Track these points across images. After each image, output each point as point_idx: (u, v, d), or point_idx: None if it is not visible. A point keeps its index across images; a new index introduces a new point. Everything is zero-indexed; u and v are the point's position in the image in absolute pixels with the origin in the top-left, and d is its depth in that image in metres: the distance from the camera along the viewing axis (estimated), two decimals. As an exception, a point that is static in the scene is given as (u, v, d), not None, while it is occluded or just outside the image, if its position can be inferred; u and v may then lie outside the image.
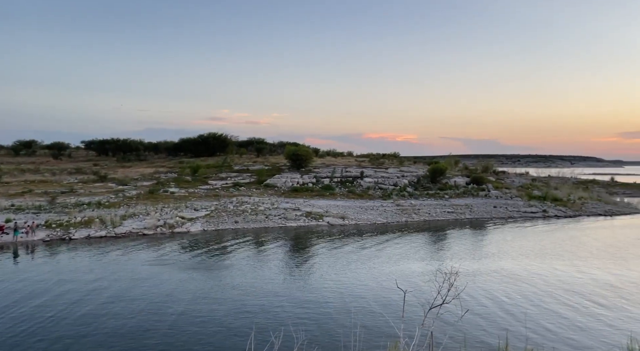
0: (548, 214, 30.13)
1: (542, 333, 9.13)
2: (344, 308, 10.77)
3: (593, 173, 72.11)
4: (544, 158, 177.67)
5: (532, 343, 6.64)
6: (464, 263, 15.91)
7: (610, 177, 59.28)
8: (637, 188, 49.43)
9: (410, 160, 48.68)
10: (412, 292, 10.54)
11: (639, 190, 48.09)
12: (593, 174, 68.77)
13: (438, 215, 28.25)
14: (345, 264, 15.73)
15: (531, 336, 8.37)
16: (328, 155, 49.40)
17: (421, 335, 3.91)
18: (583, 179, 50.67)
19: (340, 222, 25.10)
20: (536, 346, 6.37)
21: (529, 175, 49.90)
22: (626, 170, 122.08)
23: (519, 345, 6.30)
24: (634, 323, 9.28)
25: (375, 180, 34.75)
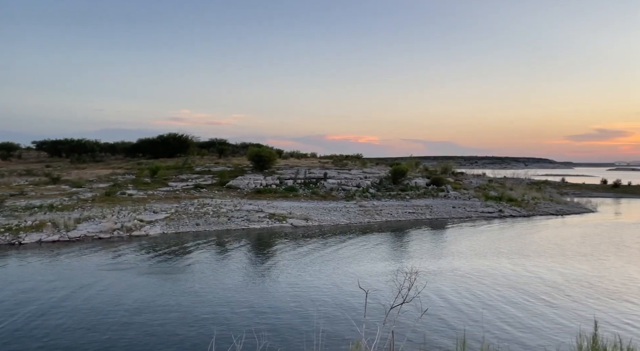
0: (504, 214, 31.26)
1: (497, 330, 9.45)
2: (306, 310, 10.77)
3: (545, 175, 75.44)
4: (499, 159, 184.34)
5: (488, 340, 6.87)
6: (424, 262, 16.26)
7: (561, 178, 62.25)
8: (586, 188, 52.13)
9: (372, 162, 49.30)
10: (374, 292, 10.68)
11: (587, 190, 50.73)
12: (545, 175, 71.94)
13: (400, 215, 28.74)
14: (309, 266, 15.74)
15: (487, 333, 8.65)
16: (291, 156, 49.35)
17: (382, 335, 3.96)
18: (536, 180, 52.92)
19: (303, 223, 25.10)
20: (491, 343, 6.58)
21: (485, 176, 51.63)
22: (575, 172, 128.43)
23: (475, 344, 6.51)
24: (582, 320, 9.75)
25: (339, 182, 34.98)
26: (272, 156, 38.16)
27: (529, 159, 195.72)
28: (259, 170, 36.57)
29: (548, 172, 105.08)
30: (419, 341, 7.98)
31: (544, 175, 70.55)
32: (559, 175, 78.82)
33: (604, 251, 18.83)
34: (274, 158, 38.52)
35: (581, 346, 4.63)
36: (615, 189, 51.37)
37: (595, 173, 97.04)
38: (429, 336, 8.60)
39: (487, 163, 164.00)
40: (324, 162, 44.76)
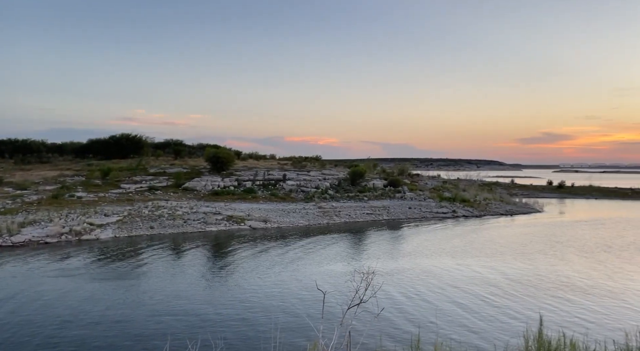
0: (457, 214, 32.28)
1: (450, 329, 9.73)
2: (264, 312, 10.68)
3: (496, 176, 78.52)
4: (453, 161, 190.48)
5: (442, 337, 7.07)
6: (381, 263, 16.52)
7: (511, 180, 64.99)
8: (533, 189, 54.71)
9: (331, 163, 49.63)
10: (332, 293, 10.75)
11: (534, 191, 53.24)
12: (496, 177, 74.87)
13: (358, 216, 29.08)
14: (267, 268, 15.63)
15: (442, 330, 8.89)
16: (250, 157, 48.85)
17: (340, 335, 3.98)
18: (487, 181, 54.96)
19: (262, 225, 24.90)
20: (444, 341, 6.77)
21: (440, 177, 53.19)
22: (524, 173, 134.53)
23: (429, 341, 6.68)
24: (529, 317, 10.19)
25: (298, 183, 34.97)
26: (230, 157, 37.64)
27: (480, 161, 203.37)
28: (217, 171, 35.97)
29: (498, 173, 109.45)
30: (375, 341, 8.09)
31: (495, 177, 73.43)
32: (509, 176, 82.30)
33: (549, 250, 19.81)
34: (232, 159, 38.00)
35: (527, 339, 4.85)
36: (560, 190, 54.23)
37: (542, 175, 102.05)
38: (385, 335, 8.74)
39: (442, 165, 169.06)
40: (283, 163, 44.63)
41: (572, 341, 4.77)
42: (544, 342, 4.69)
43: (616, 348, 4.77)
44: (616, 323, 9.99)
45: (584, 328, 7.26)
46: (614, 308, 11.36)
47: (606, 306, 11.51)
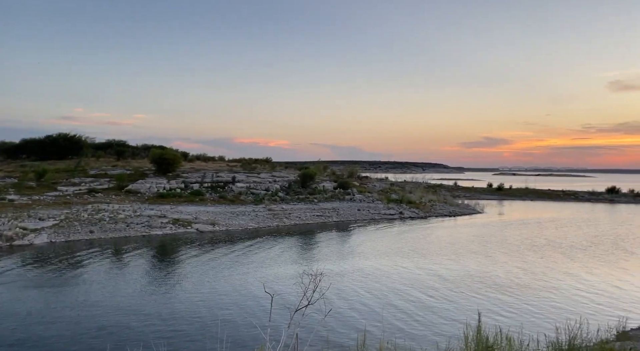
0: (404, 216, 33.17)
1: (395, 327, 9.99)
2: (211, 317, 10.46)
3: (440, 178, 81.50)
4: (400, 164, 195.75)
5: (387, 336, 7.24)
6: (329, 264, 16.67)
7: (454, 182, 67.58)
8: (475, 191, 57.21)
9: (282, 165, 49.45)
10: (280, 296, 10.70)
11: (476, 193, 55.70)
12: (440, 179, 77.72)
13: (308, 218, 29.17)
14: (214, 271, 15.32)
15: (387, 330, 9.10)
16: (198, 159, 47.70)
17: (287, 338, 3.97)
18: (432, 184, 56.90)
19: (210, 228, 24.39)
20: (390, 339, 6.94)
21: (388, 180, 54.45)
22: (466, 176, 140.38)
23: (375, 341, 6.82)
24: (469, 313, 10.62)
25: (248, 185, 34.57)
26: (176, 159, 36.57)
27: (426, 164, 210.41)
28: (162, 173, 34.84)
29: (443, 176, 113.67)
30: (323, 342, 8.15)
31: (440, 179, 76.19)
32: (452, 179, 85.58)
33: (489, 249, 20.79)
34: (178, 161, 36.94)
35: (467, 336, 5.07)
36: (499, 192, 57.08)
37: (483, 178, 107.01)
38: (333, 336, 8.82)
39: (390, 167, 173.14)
40: (232, 165, 43.94)
41: (508, 337, 5.04)
42: (482, 339, 4.92)
43: (547, 341, 5.09)
44: (548, 318, 10.64)
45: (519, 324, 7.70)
46: (547, 304, 12.09)
47: (540, 302, 12.23)
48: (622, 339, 7.50)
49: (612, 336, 7.91)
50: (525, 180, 75.67)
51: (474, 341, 4.93)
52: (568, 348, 4.70)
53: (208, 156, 49.23)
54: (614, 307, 11.70)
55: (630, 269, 16.67)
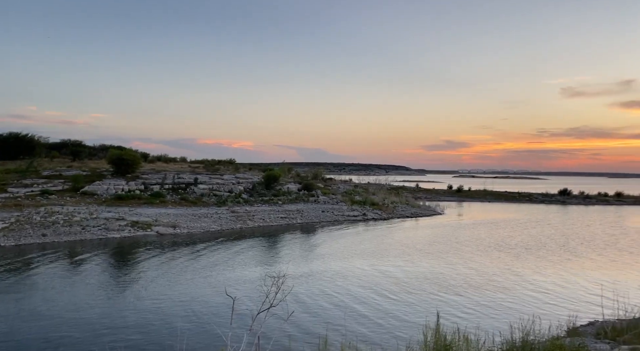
0: (367, 217, 33.55)
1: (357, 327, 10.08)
2: (171, 321, 10.22)
3: (403, 181, 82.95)
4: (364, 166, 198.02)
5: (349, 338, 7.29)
6: (293, 266, 16.63)
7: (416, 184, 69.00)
8: (436, 193, 58.59)
9: (246, 167, 48.94)
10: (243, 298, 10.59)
11: (437, 194, 57.05)
12: (403, 181, 79.10)
13: (272, 220, 29.01)
14: (175, 275, 14.98)
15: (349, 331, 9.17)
16: (159, 160, 46.54)
17: (249, 341, 3.94)
18: (395, 185, 57.82)
19: (171, 231, 23.84)
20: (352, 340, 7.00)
21: (352, 181, 54.92)
22: (428, 178, 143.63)
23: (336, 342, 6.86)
24: (429, 313, 10.84)
25: (210, 187, 34.01)
26: (136, 159, 35.49)
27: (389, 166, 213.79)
28: (121, 174, 33.76)
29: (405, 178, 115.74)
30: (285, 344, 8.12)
31: (402, 181, 77.51)
32: (414, 181, 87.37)
33: (448, 250, 21.33)
34: (138, 161, 35.86)
35: (426, 337, 5.18)
36: (459, 193, 58.72)
37: (444, 180, 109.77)
38: (295, 339, 8.80)
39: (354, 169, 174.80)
40: (194, 166, 43.11)
41: (465, 336, 5.19)
42: (440, 338, 5.05)
43: (502, 339, 5.27)
44: (503, 317, 11.03)
45: (476, 324, 7.94)
46: (502, 303, 12.54)
47: (495, 302, 12.66)
48: (572, 335, 7.87)
49: (563, 332, 8.29)
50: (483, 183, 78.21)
51: (432, 340, 5.05)
52: (521, 345, 4.89)
53: (169, 157, 48.13)
54: (564, 305, 12.26)
55: (579, 269, 17.52)
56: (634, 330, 8.00)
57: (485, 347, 5.50)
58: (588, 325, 9.81)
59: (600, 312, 9.51)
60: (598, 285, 13.30)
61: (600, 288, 12.05)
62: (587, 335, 8.49)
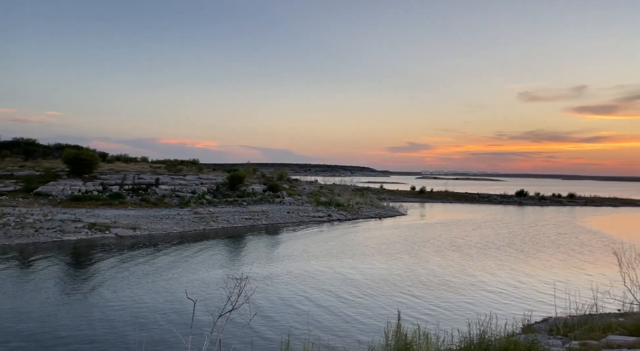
0: (332, 218, 33.72)
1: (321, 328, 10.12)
2: (130, 326, 9.92)
3: (368, 182, 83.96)
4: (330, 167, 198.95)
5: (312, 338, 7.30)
6: (256, 267, 16.51)
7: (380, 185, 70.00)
8: (399, 194, 59.56)
9: (210, 168, 48.13)
10: (204, 301, 10.38)
11: (400, 195, 58.00)
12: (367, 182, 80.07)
13: (236, 222, 28.68)
14: (136, 278, 14.55)
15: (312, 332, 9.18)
16: (118, 160, 45.09)
17: (210, 344, 3.88)
18: (360, 187, 58.44)
19: (131, 233, 23.15)
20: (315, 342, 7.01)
21: (317, 182, 55.09)
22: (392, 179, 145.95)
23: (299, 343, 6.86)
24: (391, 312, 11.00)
25: (172, 188, 33.26)
26: (93, 159, 34.24)
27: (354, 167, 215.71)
28: (78, 175, 32.50)
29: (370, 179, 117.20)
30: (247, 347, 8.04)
31: (367, 182, 78.46)
32: (379, 182, 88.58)
33: (409, 249, 21.73)
34: (96, 161, 34.62)
35: (388, 335, 5.25)
36: (422, 194, 59.94)
37: (407, 181, 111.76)
38: (257, 340, 8.74)
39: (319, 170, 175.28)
40: (156, 166, 42.04)
41: (425, 334, 5.30)
42: (402, 336, 5.13)
43: (460, 336, 5.41)
44: (462, 314, 11.33)
45: (436, 321, 8.13)
46: (461, 301, 12.88)
47: (455, 300, 13.00)
48: (526, 332, 8.17)
49: (518, 329, 8.60)
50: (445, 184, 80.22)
51: (394, 339, 5.13)
52: (478, 342, 5.03)
53: (130, 157, 46.70)
54: (519, 303, 12.74)
55: (534, 268, 18.23)
56: (584, 325, 8.39)
57: (445, 345, 5.63)
58: (542, 321, 10.21)
59: (553, 309, 9.93)
60: (551, 283, 13.88)
61: (553, 286, 12.57)
62: (541, 332, 8.84)
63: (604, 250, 21.80)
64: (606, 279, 14.18)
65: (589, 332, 7.94)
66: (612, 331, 7.72)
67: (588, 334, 7.84)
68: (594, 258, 20.12)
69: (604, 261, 19.12)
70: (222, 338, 4.06)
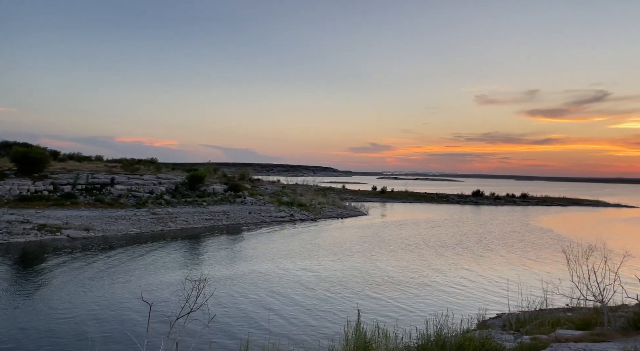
0: (294, 218, 33.66)
1: (281, 329, 10.07)
2: (83, 331, 9.51)
3: (330, 182, 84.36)
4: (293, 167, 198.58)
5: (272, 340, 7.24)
6: (216, 269, 16.24)
7: (342, 185, 70.49)
8: (361, 194, 60.20)
9: (169, 167, 46.96)
10: (161, 304, 10.12)
11: (362, 195, 58.64)
12: (330, 182, 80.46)
13: (196, 222, 28.11)
14: (90, 281, 13.97)
15: (272, 333, 9.11)
16: (71, 158, 43.21)
17: (166, 348, 3.77)
18: (322, 187, 58.66)
19: (84, 234, 22.23)
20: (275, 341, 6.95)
21: (280, 182, 54.81)
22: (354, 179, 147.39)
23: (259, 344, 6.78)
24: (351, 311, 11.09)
25: (129, 188, 32.21)
26: (44, 158, 32.63)
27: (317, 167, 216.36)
28: (26, 174, 30.90)
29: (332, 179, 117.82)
30: (205, 347, 7.88)
31: (329, 182, 78.84)
32: (341, 182, 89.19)
33: (370, 249, 22.00)
34: (46, 160, 33.01)
35: (347, 334, 5.28)
36: (383, 194, 60.86)
37: (369, 181, 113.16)
38: (216, 343, 8.59)
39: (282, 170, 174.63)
40: (111, 166, 40.58)
41: (385, 332, 5.37)
42: (361, 335, 5.17)
43: (418, 334, 5.52)
44: (420, 312, 11.57)
45: (395, 320, 8.25)
46: (419, 300, 13.16)
47: (412, 297, 13.27)
48: (481, 328, 8.44)
49: (474, 325, 8.87)
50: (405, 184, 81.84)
51: (353, 338, 5.16)
52: (435, 339, 5.15)
53: (83, 156, 44.86)
54: (475, 300, 13.14)
55: (489, 265, 18.87)
56: (534, 321, 8.76)
57: (403, 342, 5.72)
58: (496, 317, 10.57)
59: (506, 306, 10.29)
60: (505, 281, 14.40)
61: (506, 283, 13.06)
62: (495, 327, 9.16)
63: (553, 248, 22.85)
64: (555, 276, 14.87)
65: (539, 327, 8.29)
66: (561, 326, 8.09)
67: (538, 329, 8.19)
68: (545, 256, 21.05)
69: (554, 258, 20.03)
70: (179, 340, 3.96)
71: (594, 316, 8.05)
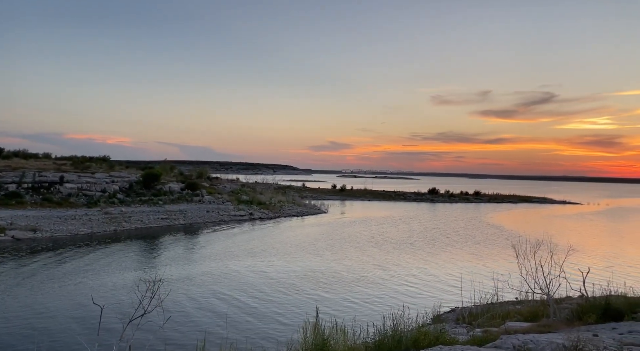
0: (254, 217, 33.39)
1: (238, 329, 9.98)
2: (29, 335, 9.06)
3: (290, 180, 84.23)
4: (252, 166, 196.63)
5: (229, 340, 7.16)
6: (172, 269, 15.87)
7: (302, 183, 70.58)
8: (321, 192, 60.50)
9: (122, 165, 45.35)
10: (113, 306, 9.77)
11: (322, 194, 58.92)
12: (290, 180, 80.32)
13: (151, 221, 27.33)
14: (37, 284, 13.29)
15: (230, 333, 9.00)
16: (16, 156, 40.89)
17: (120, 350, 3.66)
18: (282, 185, 58.43)
19: (30, 235, 21.13)
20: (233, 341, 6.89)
21: (239, 181, 54.16)
22: (314, 178, 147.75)
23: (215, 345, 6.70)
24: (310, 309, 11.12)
25: (79, 186, 30.88)
26: (-14, 154, 30.81)
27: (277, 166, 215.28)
28: (-34, 171, 29.02)
29: (292, 177, 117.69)
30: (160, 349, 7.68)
31: (289, 181, 78.69)
32: (301, 180, 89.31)
33: (330, 247, 22.16)
34: (-11, 157, 31.18)
35: (305, 332, 5.30)
36: (342, 193, 61.41)
37: (328, 179, 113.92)
38: (170, 345, 8.39)
39: (241, 168, 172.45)
40: (60, 163, 38.75)
41: (342, 329, 5.43)
42: (319, 332, 5.21)
43: (376, 330, 5.61)
44: (377, 308, 11.77)
45: (353, 316, 8.36)
46: (376, 295, 13.40)
47: (370, 294, 13.49)
48: (436, 322, 8.71)
49: (429, 320, 9.13)
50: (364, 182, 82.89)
51: (312, 335, 5.18)
52: (392, 334, 5.25)
53: (30, 153, 42.53)
54: (430, 295, 13.52)
55: (443, 261, 19.46)
56: (486, 314, 9.12)
57: (361, 339, 5.80)
58: (450, 311, 10.92)
59: (460, 300, 10.66)
60: (458, 276, 14.89)
61: (460, 278, 13.50)
62: (449, 321, 9.47)
63: (504, 244, 23.82)
64: (505, 270, 15.50)
65: (490, 320, 8.64)
66: (511, 318, 8.47)
67: (490, 321, 8.53)
68: (496, 251, 21.92)
69: (504, 254, 20.90)
70: (132, 343, 3.85)
71: (540, 309, 8.48)
